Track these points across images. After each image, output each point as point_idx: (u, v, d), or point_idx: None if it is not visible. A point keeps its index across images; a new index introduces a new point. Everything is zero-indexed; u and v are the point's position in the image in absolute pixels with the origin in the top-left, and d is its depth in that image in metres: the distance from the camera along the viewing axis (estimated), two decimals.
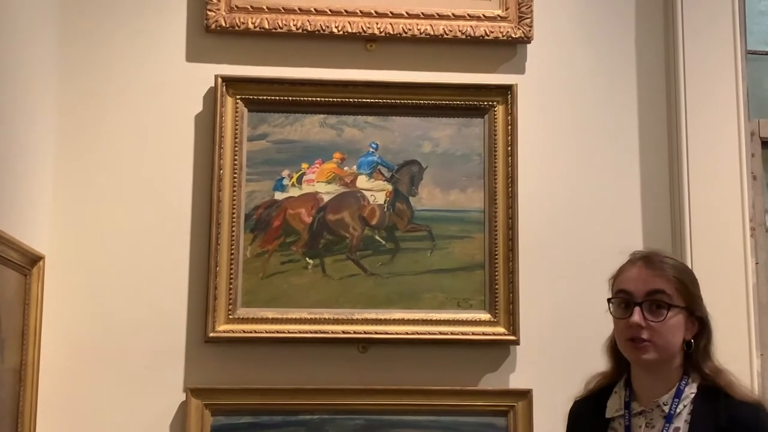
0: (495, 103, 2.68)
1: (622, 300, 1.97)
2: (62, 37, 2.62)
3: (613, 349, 2.09)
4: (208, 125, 2.60)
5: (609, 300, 2.02)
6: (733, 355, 2.36)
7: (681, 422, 1.93)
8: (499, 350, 2.60)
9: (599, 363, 2.11)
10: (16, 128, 2.29)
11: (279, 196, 2.62)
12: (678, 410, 1.94)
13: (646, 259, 2.02)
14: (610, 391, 2.10)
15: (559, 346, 2.61)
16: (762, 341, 2.69)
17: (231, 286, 2.54)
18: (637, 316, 1.92)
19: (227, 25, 2.61)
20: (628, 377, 2.07)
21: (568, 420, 2.19)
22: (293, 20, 2.65)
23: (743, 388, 1.97)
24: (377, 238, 2.63)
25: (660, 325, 1.93)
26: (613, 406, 2.06)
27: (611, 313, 2.01)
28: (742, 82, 2.79)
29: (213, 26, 2.60)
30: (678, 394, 1.96)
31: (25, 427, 2.28)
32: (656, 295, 1.94)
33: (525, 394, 2.55)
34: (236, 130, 2.60)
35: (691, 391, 1.97)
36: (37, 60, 2.45)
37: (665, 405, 1.95)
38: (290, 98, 2.64)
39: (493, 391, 2.58)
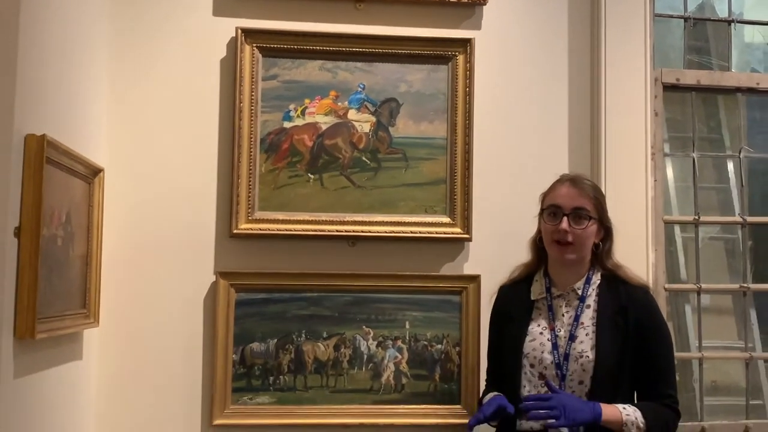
0: (457, 53, 2.84)
1: (552, 211, 2.25)
2: None
3: (536, 245, 2.37)
4: (230, 67, 2.76)
5: (542, 209, 2.29)
6: (635, 250, 2.81)
7: (591, 301, 2.25)
8: (456, 245, 2.83)
9: (527, 257, 2.42)
10: (80, 69, 2.42)
11: (287, 124, 2.77)
12: (588, 293, 2.26)
13: (572, 181, 2.28)
14: (530, 280, 2.35)
15: (501, 243, 2.80)
16: (656, 239, 2.95)
17: (250, 194, 2.72)
18: (564, 224, 2.21)
19: None
20: (546, 269, 2.33)
21: (498, 300, 2.42)
22: None
23: (636, 276, 2.29)
24: (363, 159, 2.81)
25: (582, 232, 2.22)
26: (537, 291, 2.32)
27: (543, 220, 2.28)
28: (650, 38, 2.96)
29: None
30: (588, 281, 2.27)
31: (91, 300, 2.49)
32: (580, 210, 2.22)
33: (474, 278, 2.79)
34: (253, 71, 2.74)
35: (596, 279, 2.28)
36: (94, 11, 2.55)
37: (579, 289, 2.27)
38: (296, 47, 2.78)
39: (451, 276, 2.81)
